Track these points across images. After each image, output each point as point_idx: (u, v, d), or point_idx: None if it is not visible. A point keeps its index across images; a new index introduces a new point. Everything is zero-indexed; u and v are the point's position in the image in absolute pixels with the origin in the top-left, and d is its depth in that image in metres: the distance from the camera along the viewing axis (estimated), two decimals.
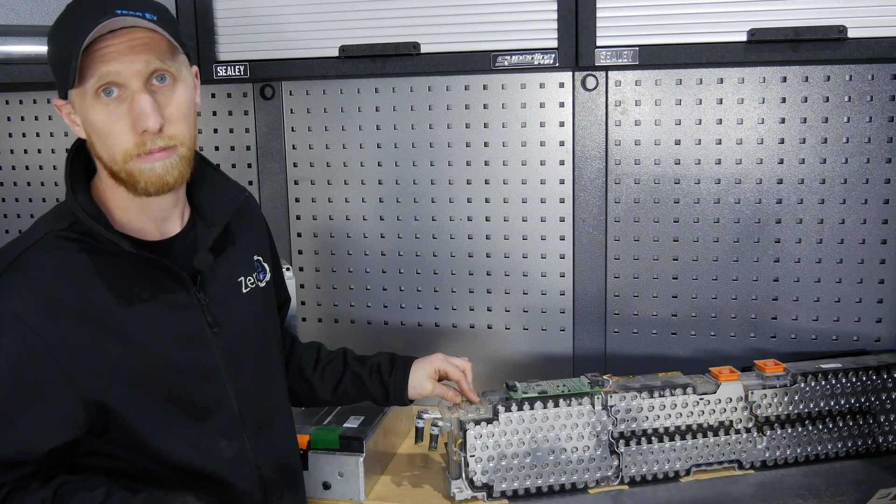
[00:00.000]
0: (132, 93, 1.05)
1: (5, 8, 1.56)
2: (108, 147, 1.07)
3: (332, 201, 1.89)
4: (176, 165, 1.10)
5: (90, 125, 1.08)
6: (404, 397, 1.43)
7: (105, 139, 1.07)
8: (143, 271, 1.12)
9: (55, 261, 1.08)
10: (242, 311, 1.25)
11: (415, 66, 1.61)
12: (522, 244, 1.81)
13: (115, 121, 1.05)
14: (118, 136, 1.06)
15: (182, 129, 1.10)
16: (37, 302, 1.04)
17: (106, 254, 1.10)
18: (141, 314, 1.11)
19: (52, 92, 1.98)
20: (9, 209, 2.08)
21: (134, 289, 1.11)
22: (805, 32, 1.44)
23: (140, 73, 1.05)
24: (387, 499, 1.48)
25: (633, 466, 1.46)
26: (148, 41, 1.06)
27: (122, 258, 1.10)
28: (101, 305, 1.08)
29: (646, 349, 1.78)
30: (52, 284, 1.06)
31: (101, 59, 1.03)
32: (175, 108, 1.09)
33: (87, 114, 1.07)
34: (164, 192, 1.11)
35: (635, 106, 1.71)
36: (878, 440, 1.54)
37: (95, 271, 1.09)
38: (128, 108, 1.05)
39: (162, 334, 1.13)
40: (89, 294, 1.08)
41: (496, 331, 1.86)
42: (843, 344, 1.70)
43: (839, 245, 1.67)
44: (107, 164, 1.09)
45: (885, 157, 1.63)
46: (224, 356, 1.20)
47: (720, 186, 1.70)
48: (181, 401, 1.15)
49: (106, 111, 1.05)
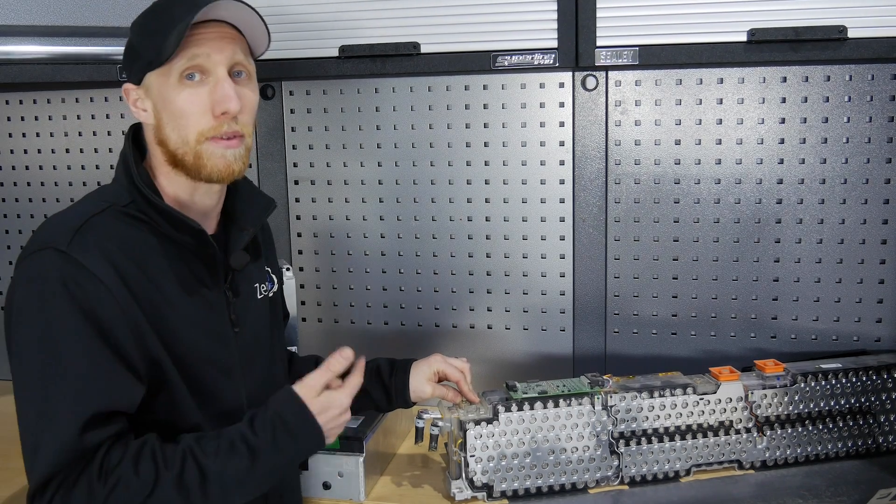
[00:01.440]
0: (216, 79, 1.12)
1: (5, 8, 1.56)
2: (181, 127, 1.12)
3: (332, 201, 1.89)
4: (242, 156, 1.16)
5: (168, 106, 1.12)
6: (406, 398, 1.44)
7: (180, 119, 1.12)
8: (189, 260, 1.16)
9: (121, 230, 1.11)
10: (257, 316, 1.29)
11: (415, 66, 1.61)
12: (522, 244, 1.81)
13: (195, 101, 1.11)
14: (195, 116, 1.12)
15: (251, 122, 1.18)
16: (108, 263, 1.07)
17: (162, 236, 1.14)
18: (181, 299, 1.14)
19: (52, 92, 2.00)
20: (9, 209, 2.08)
21: (180, 274, 1.15)
22: (805, 32, 1.44)
23: (226, 62, 1.13)
24: (387, 499, 1.48)
25: (633, 466, 1.46)
26: (235, 36, 1.15)
27: (173, 243, 1.14)
28: (153, 281, 1.12)
29: (646, 349, 1.78)
30: (120, 250, 1.09)
31: (194, 43, 1.11)
32: (248, 100, 1.17)
33: (167, 94, 1.12)
34: (227, 181, 1.17)
35: (635, 106, 1.71)
36: (879, 440, 1.54)
37: (151, 249, 1.13)
38: (210, 91, 1.12)
39: (196, 324, 1.16)
40: (147, 268, 1.11)
41: (496, 331, 1.86)
42: (843, 344, 1.70)
43: (839, 245, 1.67)
44: (173, 147, 1.13)
45: (886, 158, 1.63)
46: (241, 357, 1.22)
47: (720, 186, 1.70)
48: (205, 393, 1.17)
49: (187, 92, 1.11)
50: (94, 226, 1.09)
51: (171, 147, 1.14)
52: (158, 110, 1.14)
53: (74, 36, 1.63)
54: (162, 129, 1.14)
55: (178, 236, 1.14)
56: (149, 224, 1.14)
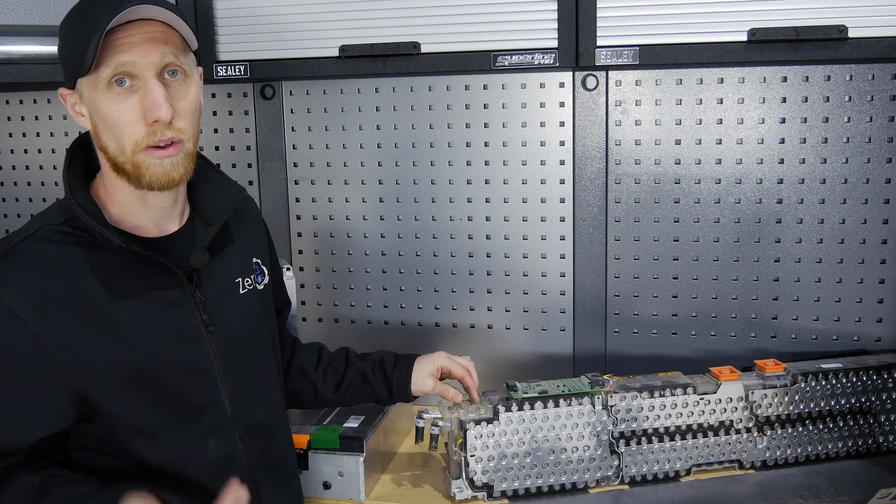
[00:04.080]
0: (145, 83, 1.06)
1: (5, 8, 1.56)
2: (116, 137, 1.08)
3: (332, 201, 1.89)
4: (182, 163, 1.11)
5: (99, 115, 1.08)
6: (408, 392, 1.43)
7: (114, 129, 1.08)
8: (137, 268, 1.12)
9: (47, 253, 1.09)
10: (239, 312, 1.25)
11: (415, 66, 1.61)
12: (523, 244, 1.81)
13: (126, 110, 1.07)
14: (128, 125, 1.07)
15: (189, 125, 1.12)
16: (27, 293, 1.05)
17: (100, 249, 1.11)
18: (133, 310, 1.11)
19: (52, 92, 2.00)
20: (9, 209, 2.08)
21: (127, 284, 1.11)
22: (805, 32, 1.43)
23: (154, 65, 1.07)
24: (387, 498, 1.48)
25: (634, 466, 1.46)
26: (163, 35, 1.08)
27: (116, 254, 1.11)
28: (91, 299, 1.09)
29: (646, 349, 1.78)
30: (43, 276, 1.07)
31: (118, 49, 1.05)
32: (185, 102, 1.11)
33: (97, 103, 1.08)
34: (168, 188, 1.12)
35: (635, 106, 1.71)
36: (879, 440, 1.54)
37: (88, 265, 1.09)
38: (140, 98, 1.06)
39: (154, 331, 1.13)
40: (80, 287, 1.08)
41: (496, 331, 1.86)
42: (844, 344, 1.70)
43: (840, 245, 1.67)
44: (112, 155, 1.10)
45: (886, 157, 1.62)
46: (219, 356, 1.19)
47: (720, 186, 1.70)
48: (170, 399, 1.14)
49: (117, 100, 1.06)
50: (17, 255, 1.07)
51: (111, 154, 1.10)
52: (93, 117, 1.10)
53: None
54: (100, 135, 1.11)
55: (117, 248, 1.10)
56: (88, 240, 1.10)
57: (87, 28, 1.03)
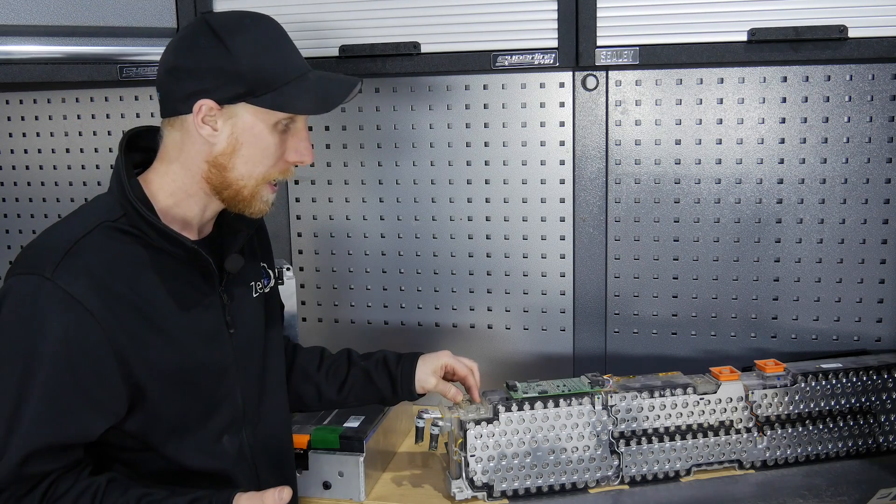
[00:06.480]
0: (297, 129, 1.18)
1: (5, 8, 1.56)
2: (253, 164, 1.15)
3: (332, 201, 1.89)
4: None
5: (258, 143, 1.14)
6: (412, 389, 1.43)
7: (259, 158, 1.15)
8: (181, 268, 1.16)
9: (110, 249, 1.11)
10: (253, 314, 1.30)
11: (415, 66, 1.61)
12: (523, 244, 1.81)
13: (279, 145, 1.16)
14: (274, 160, 1.16)
15: None
16: (95, 287, 1.07)
17: (153, 248, 1.14)
18: (178, 309, 1.15)
19: (52, 92, 2.00)
20: (9, 209, 2.08)
21: (174, 284, 1.15)
22: (805, 32, 1.43)
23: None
24: (387, 498, 1.48)
25: (634, 466, 1.46)
26: None
27: (167, 254, 1.14)
28: (147, 297, 1.12)
29: (646, 349, 1.78)
30: (108, 272, 1.09)
31: None
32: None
33: (258, 131, 1.14)
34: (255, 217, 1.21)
35: (635, 106, 1.71)
36: (879, 440, 1.54)
37: (144, 264, 1.13)
38: (293, 139, 1.17)
39: (192, 331, 1.17)
40: (138, 285, 1.11)
41: (496, 331, 1.86)
42: (844, 344, 1.70)
43: (840, 245, 1.67)
44: (233, 178, 1.15)
45: (886, 157, 1.62)
46: (236, 356, 1.23)
47: (720, 186, 1.70)
48: (198, 397, 1.18)
49: (280, 138, 1.16)
50: (83, 249, 1.09)
51: (231, 177, 1.15)
52: (238, 141, 1.13)
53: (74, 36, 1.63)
54: (230, 156, 1.14)
55: (170, 248, 1.14)
56: (140, 238, 1.13)
57: (297, 69, 1.15)
